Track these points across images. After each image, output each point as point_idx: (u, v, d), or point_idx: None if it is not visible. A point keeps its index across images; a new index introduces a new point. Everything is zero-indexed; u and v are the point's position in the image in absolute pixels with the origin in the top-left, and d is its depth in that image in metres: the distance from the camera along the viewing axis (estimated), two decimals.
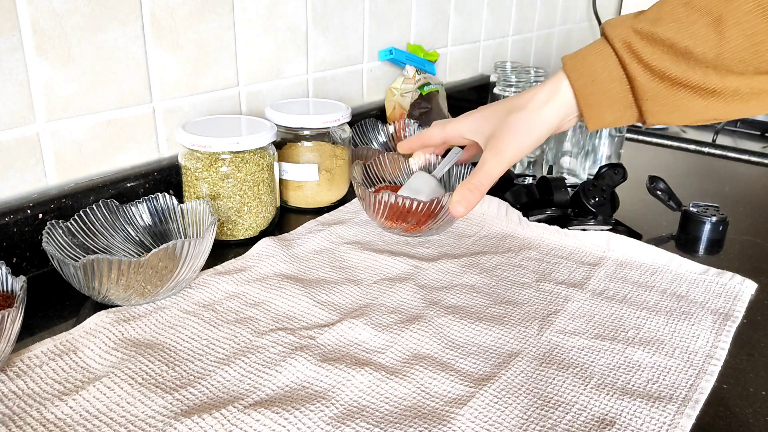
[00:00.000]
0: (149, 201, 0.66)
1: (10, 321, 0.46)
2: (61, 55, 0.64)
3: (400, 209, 0.70)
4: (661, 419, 0.47)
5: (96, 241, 0.62)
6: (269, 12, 0.84)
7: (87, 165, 0.69)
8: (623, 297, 0.64)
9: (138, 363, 0.51)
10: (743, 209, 0.88)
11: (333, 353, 0.53)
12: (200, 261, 0.60)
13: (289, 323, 0.57)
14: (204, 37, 0.77)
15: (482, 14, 1.29)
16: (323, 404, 0.47)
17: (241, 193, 0.70)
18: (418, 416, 0.46)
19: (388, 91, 1.04)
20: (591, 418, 0.47)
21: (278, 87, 0.88)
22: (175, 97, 0.76)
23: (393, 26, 1.06)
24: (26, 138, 0.63)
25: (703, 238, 0.77)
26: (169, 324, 0.56)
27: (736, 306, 0.62)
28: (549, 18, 1.55)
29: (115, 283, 0.54)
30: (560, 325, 0.58)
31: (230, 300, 0.61)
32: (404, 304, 0.61)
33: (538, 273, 0.68)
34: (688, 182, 0.97)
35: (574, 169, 0.95)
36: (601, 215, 0.80)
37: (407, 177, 0.81)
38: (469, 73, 1.31)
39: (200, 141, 0.67)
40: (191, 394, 0.48)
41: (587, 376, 0.52)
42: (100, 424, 0.45)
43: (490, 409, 0.47)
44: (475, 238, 0.76)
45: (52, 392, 0.48)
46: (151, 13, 0.70)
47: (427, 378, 0.50)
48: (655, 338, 0.57)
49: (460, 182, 0.79)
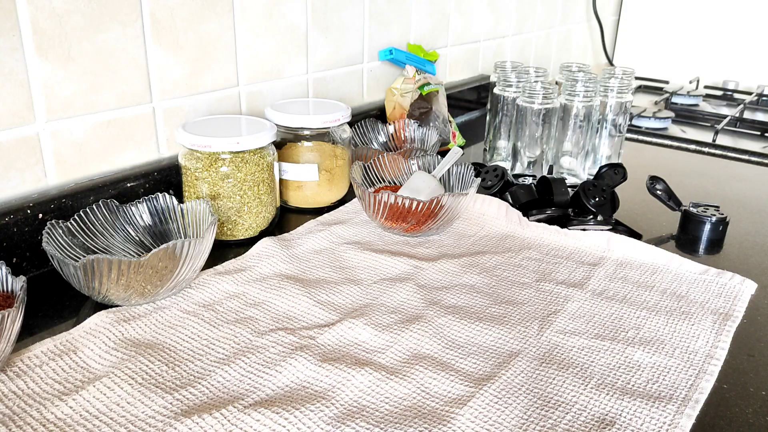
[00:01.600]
0: (149, 201, 0.66)
1: (10, 321, 0.46)
2: (61, 55, 0.64)
3: (400, 209, 0.70)
4: (661, 419, 0.47)
5: (96, 241, 0.62)
6: (269, 12, 0.84)
7: (87, 165, 0.69)
8: (623, 297, 0.64)
9: (138, 363, 0.51)
10: (743, 209, 0.88)
11: (333, 353, 0.53)
12: (200, 261, 0.60)
13: (289, 323, 0.57)
14: (204, 37, 0.77)
15: (482, 14, 1.29)
16: (323, 404, 0.47)
17: (241, 193, 0.70)
18: (418, 416, 0.46)
19: (388, 91, 1.04)
20: (591, 418, 0.47)
21: (278, 87, 0.88)
22: (175, 97, 0.76)
23: (393, 26, 1.06)
24: (26, 138, 0.63)
25: (703, 238, 0.77)
26: (169, 324, 0.56)
27: (736, 306, 0.62)
28: (549, 18, 1.55)
29: (115, 283, 0.54)
30: (560, 325, 0.58)
31: (230, 300, 0.61)
32: (404, 304, 0.61)
33: (538, 273, 0.68)
34: (688, 182, 0.97)
35: (574, 169, 0.95)
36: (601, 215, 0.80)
37: (407, 177, 0.81)
38: (469, 73, 1.31)
39: (200, 141, 0.67)
40: (191, 394, 0.48)
41: (587, 376, 0.52)
42: (100, 424, 0.45)
43: (490, 409, 0.47)
44: (475, 238, 0.76)
45: (52, 392, 0.48)
46: (151, 13, 0.70)
47: (427, 378, 0.50)
48: (655, 338, 0.57)
49: (460, 182, 0.79)
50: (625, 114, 0.97)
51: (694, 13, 1.68)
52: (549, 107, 0.91)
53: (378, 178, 0.82)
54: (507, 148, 1.00)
